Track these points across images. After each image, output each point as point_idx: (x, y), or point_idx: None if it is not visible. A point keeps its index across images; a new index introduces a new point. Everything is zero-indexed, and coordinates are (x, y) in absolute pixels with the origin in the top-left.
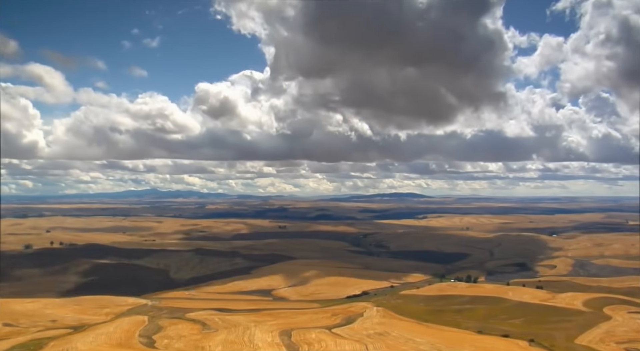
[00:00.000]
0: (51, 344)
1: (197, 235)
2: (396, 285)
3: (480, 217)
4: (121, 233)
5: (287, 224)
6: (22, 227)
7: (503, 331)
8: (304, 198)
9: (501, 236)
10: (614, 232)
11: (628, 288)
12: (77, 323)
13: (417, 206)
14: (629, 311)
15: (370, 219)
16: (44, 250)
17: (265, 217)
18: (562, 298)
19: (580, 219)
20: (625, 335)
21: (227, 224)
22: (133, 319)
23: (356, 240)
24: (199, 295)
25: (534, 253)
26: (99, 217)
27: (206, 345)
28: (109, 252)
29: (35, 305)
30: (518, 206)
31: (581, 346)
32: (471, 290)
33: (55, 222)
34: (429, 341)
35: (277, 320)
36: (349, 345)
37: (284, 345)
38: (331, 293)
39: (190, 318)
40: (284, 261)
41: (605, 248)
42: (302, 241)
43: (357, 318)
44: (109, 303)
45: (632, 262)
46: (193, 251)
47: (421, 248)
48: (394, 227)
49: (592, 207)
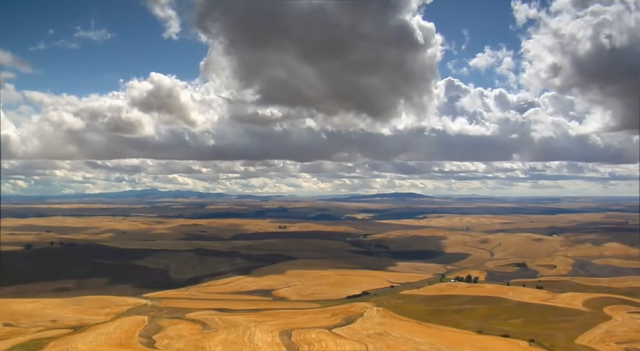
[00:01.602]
0: (51, 344)
1: (197, 235)
2: (396, 285)
3: (480, 217)
4: (121, 233)
5: (287, 224)
6: (22, 227)
7: (503, 331)
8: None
9: (501, 236)
10: (614, 232)
11: (628, 288)
12: (77, 323)
13: (417, 206)
14: (629, 311)
15: (370, 219)
16: (44, 250)
17: (265, 217)
18: (562, 298)
19: (580, 219)
20: (625, 335)
21: (227, 224)
22: (133, 319)
23: (356, 240)
24: (199, 295)
25: (534, 253)
26: (99, 217)
27: (206, 345)
28: (109, 251)
29: (35, 305)
30: (518, 206)
31: (581, 346)
32: (471, 290)
33: (55, 222)
34: (429, 341)
35: (277, 320)
36: (349, 345)
37: (284, 345)
38: (331, 293)
39: (190, 318)
40: (284, 261)
41: (605, 248)
42: (302, 241)
43: (357, 318)
44: (109, 303)
45: (632, 261)
46: (193, 251)
47: (421, 248)
48: (394, 227)
49: (592, 207)
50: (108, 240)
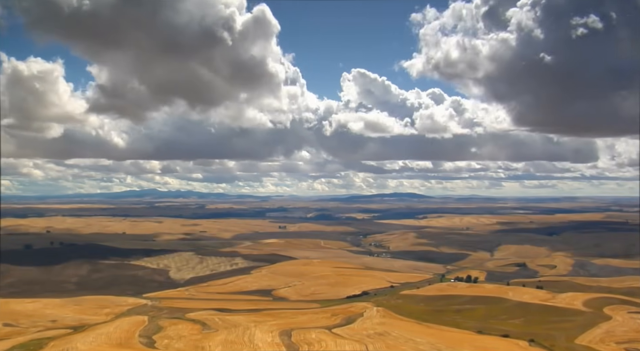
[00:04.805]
0: (51, 344)
1: (197, 235)
2: (396, 285)
3: (480, 217)
4: (121, 233)
5: (286, 224)
6: (22, 227)
7: (503, 331)
8: (303, 199)
9: (501, 236)
10: (614, 232)
11: (628, 288)
12: (77, 323)
13: (417, 206)
14: (629, 311)
15: (370, 219)
16: (44, 250)
17: (265, 217)
18: (562, 298)
19: (580, 219)
20: (625, 335)
21: (227, 224)
22: (133, 319)
23: (356, 240)
24: (199, 295)
25: (534, 253)
26: (99, 217)
27: (206, 345)
28: (109, 251)
29: (35, 305)
30: (518, 206)
31: (581, 346)
32: (471, 290)
33: (55, 222)
34: (429, 341)
35: (277, 320)
36: (349, 345)
37: (284, 345)
38: (331, 293)
39: (190, 318)
40: (284, 261)
41: (605, 248)
42: (302, 241)
43: (357, 318)
44: (109, 303)
45: (632, 261)
46: (193, 251)
47: (421, 248)
48: (394, 227)
49: (592, 207)
50: (108, 240)
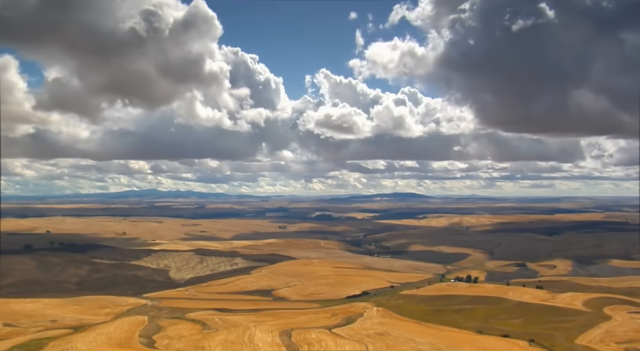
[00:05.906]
0: (51, 344)
1: (197, 235)
2: (396, 285)
3: (480, 217)
4: (121, 233)
5: (286, 224)
6: (22, 227)
7: (503, 331)
8: (303, 198)
9: (501, 236)
10: (614, 232)
11: (628, 288)
12: (77, 323)
13: (417, 206)
14: (629, 311)
15: (370, 219)
16: (44, 250)
17: (265, 217)
18: (562, 298)
19: (580, 219)
20: (625, 335)
21: (227, 224)
22: (133, 319)
23: (356, 240)
24: (199, 295)
25: (534, 253)
26: (99, 217)
27: (206, 345)
28: (109, 252)
29: (35, 305)
30: (518, 206)
31: (581, 346)
32: (471, 290)
33: (55, 222)
34: (429, 341)
35: (277, 320)
36: (349, 345)
37: (284, 345)
38: (331, 293)
39: (190, 318)
40: (284, 261)
41: (605, 248)
42: (302, 241)
43: (357, 318)
44: (109, 303)
45: (632, 262)
46: (193, 251)
47: (421, 248)
48: (394, 227)
49: (592, 206)
50: (108, 240)
